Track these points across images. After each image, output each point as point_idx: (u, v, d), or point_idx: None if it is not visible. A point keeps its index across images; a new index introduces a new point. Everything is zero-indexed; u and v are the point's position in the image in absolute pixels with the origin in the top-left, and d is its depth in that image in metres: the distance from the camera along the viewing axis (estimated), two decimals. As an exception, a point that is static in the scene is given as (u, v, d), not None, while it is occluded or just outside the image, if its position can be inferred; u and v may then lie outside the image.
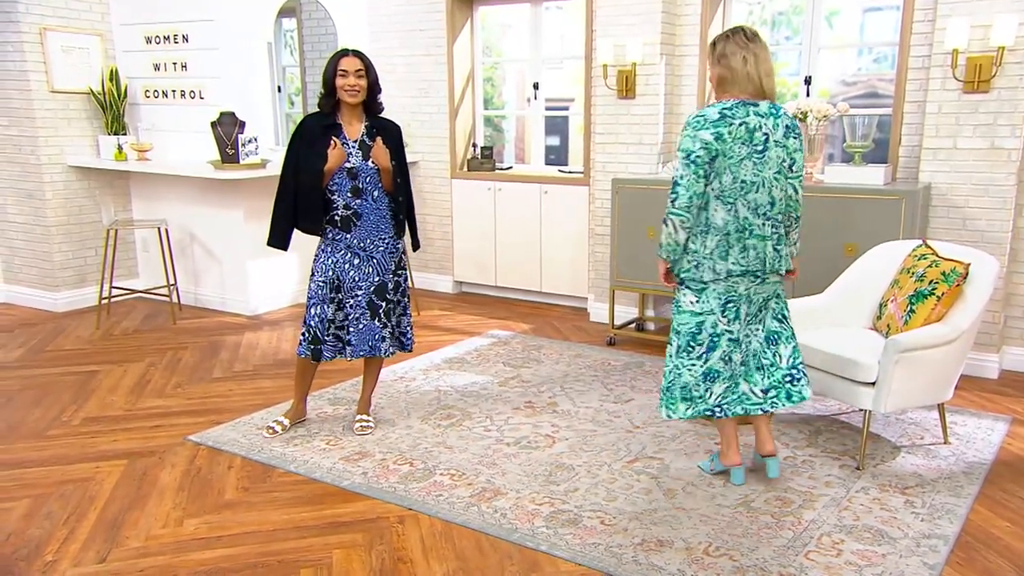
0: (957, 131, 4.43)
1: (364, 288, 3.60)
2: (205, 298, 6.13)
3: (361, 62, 3.50)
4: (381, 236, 3.63)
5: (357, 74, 3.49)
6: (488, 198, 6.33)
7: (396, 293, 3.72)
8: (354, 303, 3.61)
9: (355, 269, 3.60)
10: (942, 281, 3.37)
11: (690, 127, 2.97)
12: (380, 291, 3.63)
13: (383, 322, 3.63)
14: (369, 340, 3.60)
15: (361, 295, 3.60)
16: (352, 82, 3.48)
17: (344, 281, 3.60)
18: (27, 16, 5.70)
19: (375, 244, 3.62)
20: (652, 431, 3.77)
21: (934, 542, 2.80)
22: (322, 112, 3.59)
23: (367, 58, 3.55)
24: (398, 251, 3.71)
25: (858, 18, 5.69)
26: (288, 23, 7.31)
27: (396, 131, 3.71)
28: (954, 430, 3.75)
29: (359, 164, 3.55)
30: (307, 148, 3.52)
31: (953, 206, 4.48)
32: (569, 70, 6.66)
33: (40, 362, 4.87)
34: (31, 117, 5.81)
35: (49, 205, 5.91)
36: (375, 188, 3.59)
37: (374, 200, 3.60)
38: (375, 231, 3.61)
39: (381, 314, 3.62)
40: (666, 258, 3.10)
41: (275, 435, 3.72)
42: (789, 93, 5.64)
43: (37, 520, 3.01)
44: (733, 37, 3.01)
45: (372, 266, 3.62)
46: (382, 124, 3.66)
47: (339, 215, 3.58)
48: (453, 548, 2.80)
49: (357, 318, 3.61)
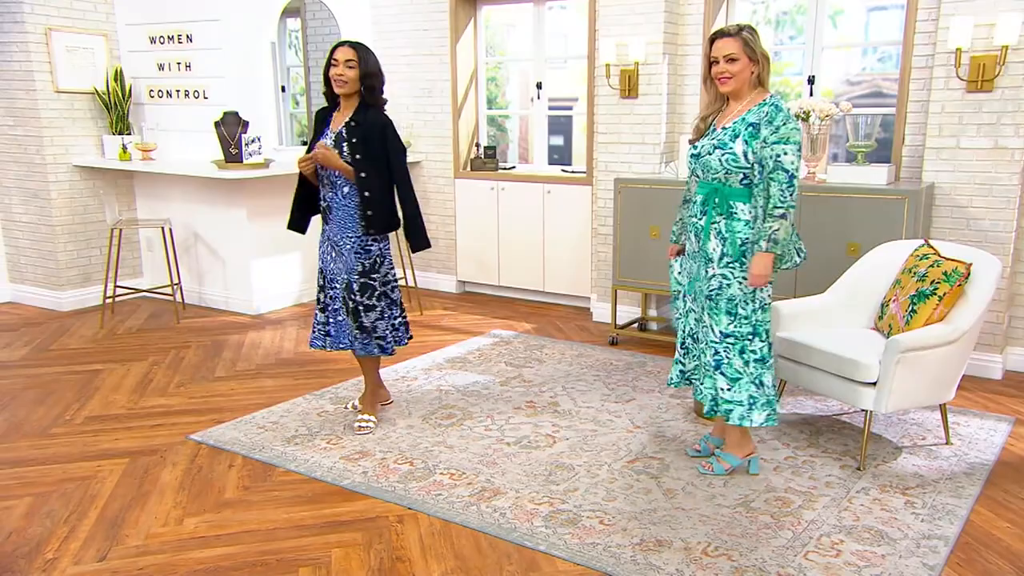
0: (961, 130, 4.41)
1: (339, 282, 3.65)
2: (209, 297, 6.15)
3: (354, 52, 3.47)
4: (348, 233, 3.59)
5: (347, 64, 3.47)
6: (491, 198, 6.33)
7: (363, 295, 3.61)
8: (332, 295, 3.69)
9: (333, 262, 3.68)
10: (944, 281, 3.36)
11: (792, 119, 2.98)
12: (348, 289, 3.63)
13: (353, 320, 3.65)
14: (348, 335, 3.68)
15: (337, 288, 3.67)
16: (340, 71, 3.47)
17: (326, 273, 3.71)
18: (32, 16, 5.73)
19: (344, 240, 3.61)
20: (653, 431, 3.76)
21: (934, 543, 2.79)
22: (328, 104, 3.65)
23: (363, 49, 3.50)
24: (369, 253, 3.60)
25: (863, 17, 5.67)
26: (292, 23, 7.33)
27: (377, 122, 3.53)
28: (956, 430, 3.74)
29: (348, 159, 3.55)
30: (313, 137, 3.66)
31: (957, 206, 4.46)
32: (573, 69, 6.66)
33: (44, 361, 4.89)
34: (36, 117, 5.83)
35: (54, 205, 5.93)
36: (345, 184, 3.56)
37: (343, 196, 3.57)
38: (343, 227, 3.60)
39: (351, 311, 3.64)
40: (781, 253, 3.05)
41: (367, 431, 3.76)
42: (793, 93, 5.62)
43: (38, 518, 3.03)
44: None
45: (342, 262, 3.63)
46: (365, 116, 3.53)
47: (322, 205, 3.67)
48: (452, 547, 2.81)
49: (336, 310, 3.69)
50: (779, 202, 2.96)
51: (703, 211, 3.16)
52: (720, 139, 3.09)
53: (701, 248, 3.17)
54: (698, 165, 3.17)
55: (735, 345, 3.14)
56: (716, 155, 3.07)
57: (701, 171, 3.16)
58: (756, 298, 3.12)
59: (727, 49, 3.03)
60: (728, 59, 3.03)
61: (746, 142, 3.02)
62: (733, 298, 3.11)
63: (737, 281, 3.10)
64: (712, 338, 3.16)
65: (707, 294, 3.16)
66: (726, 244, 3.09)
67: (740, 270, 3.09)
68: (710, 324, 3.16)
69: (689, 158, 3.24)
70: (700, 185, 3.19)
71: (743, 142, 3.02)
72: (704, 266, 3.17)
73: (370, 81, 3.51)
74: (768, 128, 2.99)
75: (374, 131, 3.52)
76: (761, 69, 3.06)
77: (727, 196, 3.09)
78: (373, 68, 3.52)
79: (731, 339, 3.13)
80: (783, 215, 2.97)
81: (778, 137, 2.97)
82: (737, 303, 3.11)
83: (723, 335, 3.14)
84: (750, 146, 3.01)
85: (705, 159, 3.12)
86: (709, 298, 3.15)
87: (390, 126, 3.58)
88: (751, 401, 3.17)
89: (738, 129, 3.05)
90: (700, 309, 3.23)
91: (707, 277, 3.15)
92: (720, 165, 3.06)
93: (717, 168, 3.08)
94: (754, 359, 3.15)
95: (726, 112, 3.16)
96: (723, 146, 3.06)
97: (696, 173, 3.20)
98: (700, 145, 3.18)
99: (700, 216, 3.18)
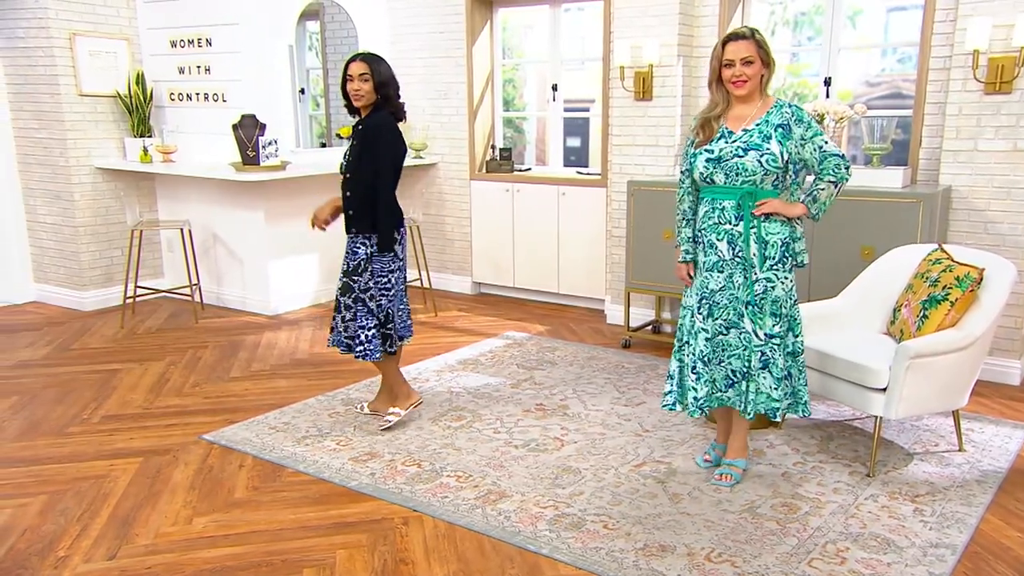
0: (978, 133, 4.36)
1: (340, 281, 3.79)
2: (227, 298, 6.22)
3: (366, 66, 3.54)
4: (348, 234, 3.75)
5: (361, 78, 3.55)
6: (506, 199, 6.34)
7: (346, 295, 3.72)
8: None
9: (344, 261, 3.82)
10: (956, 286, 3.32)
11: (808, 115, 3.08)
12: (339, 288, 3.77)
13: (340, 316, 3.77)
14: (343, 333, 3.77)
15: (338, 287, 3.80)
16: (356, 86, 3.57)
17: None
18: (57, 22, 5.83)
19: (350, 241, 3.75)
20: (662, 435, 3.75)
21: (941, 551, 2.76)
22: None
23: (374, 61, 3.57)
24: (356, 255, 3.69)
25: (882, 17, 5.61)
26: (312, 25, 7.40)
27: (371, 124, 3.59)
28: (970, 437, 3.69)
29: (344, 162, 3.72)
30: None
31: (974, 209, 4.41)
32: (590, 71, 6.65)
33: (65, 360, 4.98)
34: (60, 120, 5.94)
35: (77, 206, 6.04)
36: (347, 188, 3.71)
37: (347, 199, 3.72)
38: (347, 228, 3.74)
39: (339, 308, 3.77)
40: (815, 213, 3.10)
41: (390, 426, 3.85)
42: (811, 94, 5.58)
43: (52, 516, 3.09)
44: None
45: (344, 263, 3.78)
46: (369, 119, 3.62)
47: None
48: (455, 550, 2.82)
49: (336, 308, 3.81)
50: (833, 172, 3.04)
51: (738, 216, 3.08)
52: (750, 141, 3.03)
53: (738, 255, 3.09)
54: (719, 169, 3.06)
55: (780, 345, 3.12)
56: (752, 156, 3.01)
57: (725, 175, 3.07)
58: (793, 295, 3.14)
59: (744, 52, 3.00)
60: (744, 62, 3.00)
61: (780, 143, 3.01)
62: (777, 299, 3.10)
63: (781, 282, 3.09)
64: (756, 342, 3.11)
65: (748, 300, 3.09)
66: (767, 247, 3.07)
67: (783, 270, 3.09)
68: (752, 329, 3.10)
69: (705, 163, 3.09)
70: (723, 191, 3.08)
71: (777, 143, 3.01)
72: (743, 272, 3.09)
73: (385, 90, 3.60)
74: (801, 126, 3.04)
75: (368, 132, 3.61)
76: (770, 72, 3.06)
77: (761, 199, 3.06)
78: (386, 77, 3.59)
79: (776, 340, 3.12)
80: (834, 182, 3.05)
81: (813, 132, 3.05)
82: (780, 304, 3.11)
83: (768, 336, 3.11)
84: (784, 147, 3.02)
85: (734, 162, 3.03)
86: (752, 304, 3.09)
87: (384, 127, 3.57)
88: (795, 395, 3.21)
89: (766, 131, 3.03)
90: (730, 317, 3.13)
91: (748, 283, 3.09)
92: (760, 166, 3.01)
93: (754, 170, 3.02)
94: (787, 352, 3.17)
95: (733, 115, 3.11)
96: (757, 147, 3.01)
97: (711, 178, 3.10)
98: (720, 148, 3.07)
99: (735, 222, 3.08)
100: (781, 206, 3.06)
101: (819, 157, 3.04)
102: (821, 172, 3.05)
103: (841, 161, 3.04)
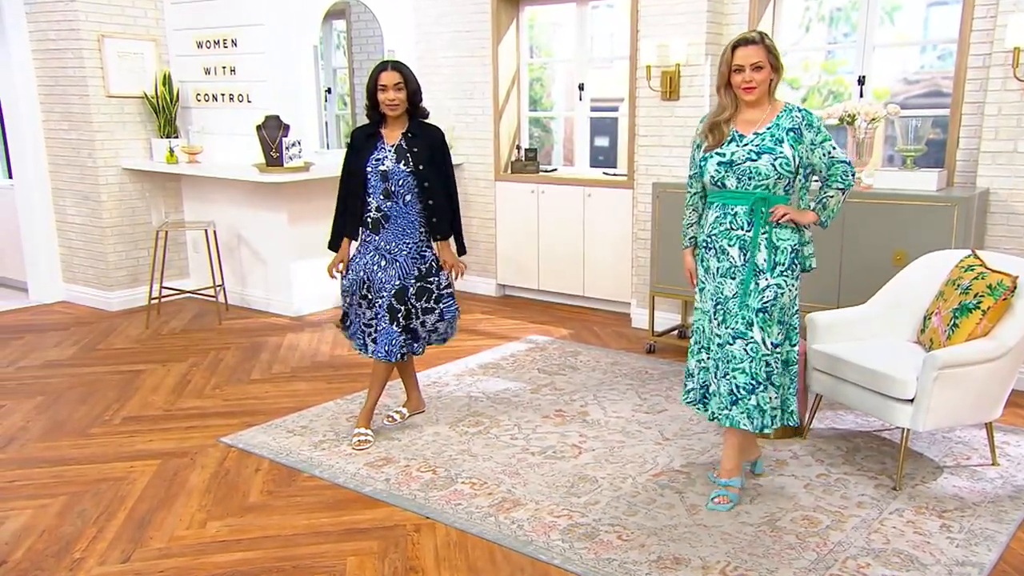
0: (1019, 134, 4.21)
1: (387, 291, 3.63)
2: (251, 299, 6.25)
3: (400, 75, 3.55)
4: (407, 240, 3.66)
5: (396, 88, 3.54)
6: (532, 200, 6.29)
7: (422, 299, 3.70)
8: (380, 304, 3.65)
9: (382, 271, 3.66)
10: (988, 295, 3.20)
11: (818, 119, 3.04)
12: (400, 295, 3.63)
13: (401, 325, 3.64)
14: (386, 344, 3.62)
15: (385, 297, 3.64)
16: (391, 96, 3.55)
17: (374, 282, 3.68)
18: (86, 24, 5.90)
19: (399, 247, 3.65)
20: (682, 443, 3.68)
21: (968, 570, 2.66)
22: (370, 123, 3.72)
23: (406, 69, 3.60)
24: (425, 258, 3.70)
25: (922, 13, 5.45)
26: (339, 24, 7.40)
27: (436, 136, 3.72)
28: (1004, 451, 3.56)
29: (392, 167, 3.61)
30: (355, 156, 3.72)
31: (1013, 213, 4.26)
32: (618, 70, 6.57)
33: (90, 360, 5.03)
34: (88, 121, 6.01)
35: (104, 207, 6.10)
36: (407, 192, 3.63)
37: (404, 204, 3.64)
38: (401, 234, 3.65)
39: (400, 318, 3.63)
40: (823, 220, 3.08)
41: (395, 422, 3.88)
42: (846, 93, 5.44)
43: (70, 518, 3.10)
44: None
45: (395, 269, 3.65)
46: (422, 129, 3.69)
47: (371, 217, 3.67)
48: (466, 559, 2.78)
49: (380, 318, 3.65)
50: (841, 179, 3.04)
51: (750, 222, 3.02)
52: (762, 145, 2.98)
53: (749, 260, 3.02)
54: (732, 173, 3.01)
55: (781, 355, 3.05)
56: (765, 160, 2.96)
57: (737, 179, 3.01)
58: (796, 304, 3.08)
59: (754, 57, 2.95)
60: (754, 67, 2.95)
61: (792, 146, 2.97)
62: (784, 307, 3.03)
63: (788, 289, 3.02)
64: (763, 351, 3.02)
65: (758, 307, 3.01)
66: (778, 253, 3.01)
67: (793, 277, 3.04)
68: (760, 338, 3.01)
69: (717, 167, 3.03)
70: (735, 195, 3.03)
71: (789, 146, 2.97)
72: (753, 278, 3.02)
73: (416, 97, 3.65)
74: (811, 131, 3.00)
75: (436, 143, 3.69)
76: (779, 77, 3.01)
77: (773, 204, 3.00)
78: (416, 84, 3.65)
79: (779, 349, 3.05)
80: (842, 189, 3.05)
81: (823, 136, 3.02)
82: (786, 311, 3.04)
83: (774, 346, 3.03)
84: (796, 151, 2.98)
85: (747, 166, 2.98)
86: (762, 311, 3.01)
87: (445, 139, 3.76)
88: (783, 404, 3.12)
89: (777, 134, 2.98)
90: (738, 326, 3.04)
91: (759, 289, 3.01)
92: (774, 170, 2.96)
93: (768, 174, 2.96)
94: (781, 360, 3.08)
95: (743, 119, 3.05)
96: (770, 151, 2.96)
97: (722, 182, 3.05)
98: (732, 152, 3.03)
99: (747, 228, 3.03)
100: (795, 213, 3.02)
101: (828, 163, 3.03)
102: (829, 178, 3.04)
103: (848, 168, 3.04)
